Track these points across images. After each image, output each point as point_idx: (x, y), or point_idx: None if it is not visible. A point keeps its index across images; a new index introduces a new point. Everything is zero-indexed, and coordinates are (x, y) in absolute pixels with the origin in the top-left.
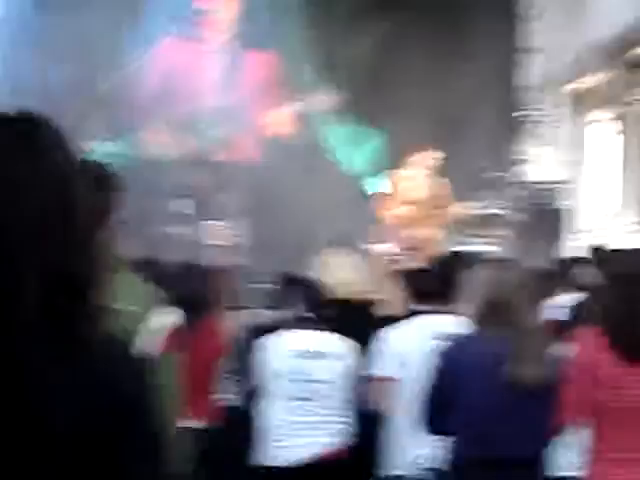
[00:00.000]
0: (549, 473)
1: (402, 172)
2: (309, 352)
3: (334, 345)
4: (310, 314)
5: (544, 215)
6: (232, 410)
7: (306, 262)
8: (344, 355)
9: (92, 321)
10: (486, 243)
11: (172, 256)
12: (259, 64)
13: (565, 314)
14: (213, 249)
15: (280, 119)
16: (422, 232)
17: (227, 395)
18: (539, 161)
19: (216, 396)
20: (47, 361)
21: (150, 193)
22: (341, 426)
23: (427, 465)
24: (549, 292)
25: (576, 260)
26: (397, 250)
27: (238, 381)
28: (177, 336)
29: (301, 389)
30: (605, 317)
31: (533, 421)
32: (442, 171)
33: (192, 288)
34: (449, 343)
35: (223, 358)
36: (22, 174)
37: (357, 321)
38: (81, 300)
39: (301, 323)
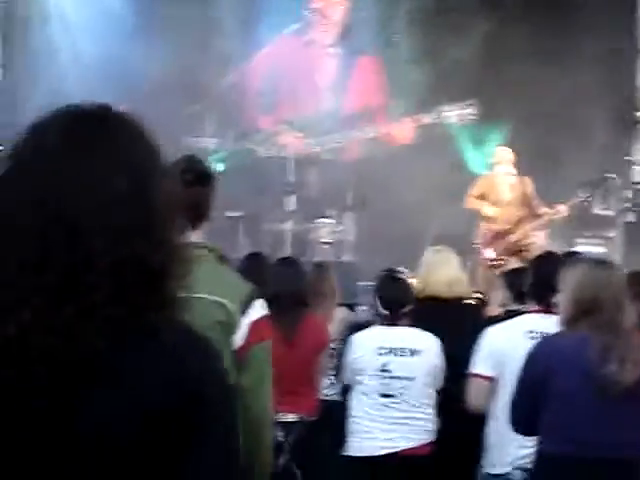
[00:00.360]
0: None
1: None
2: (393, 349)
3: (418, 342)
4: (400, 311)
5: None
6: (332, 404)
7: (413, 259)
8: (428, 352)
9: (164, 311)
10: (592, 244)
11: (280, 252)
12: (369, 68)
13: None
14: (319, 246)
15: (404, 131)
16: (516, 235)
17: (327, 390)
18: None
19: (318, 390)
20: (117, 348)
21: (262, 190)
22: (425, 423)
23: (527, 465)
24: None
25: None
26: (494, 255)
27: (336, 376)
28: (269, 327)
29: (385, 385)
30: None
31: (629, 422)
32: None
33: (291, 284)
34: (539, 343)
35: (324, 354)
36: (98, 165)
37: (458, 320)
38: (154, 289)
39: (389, 320)
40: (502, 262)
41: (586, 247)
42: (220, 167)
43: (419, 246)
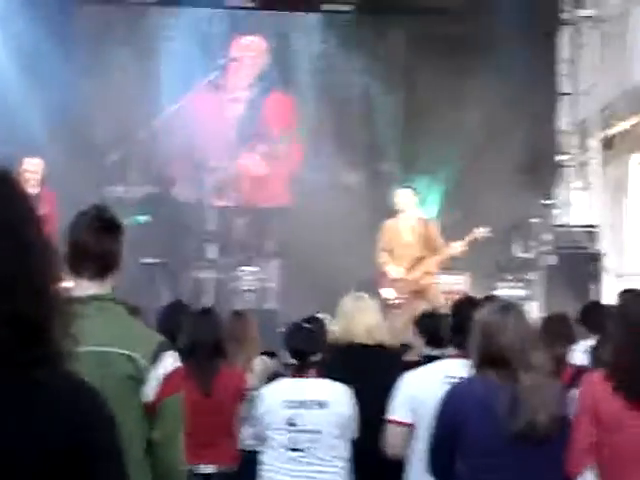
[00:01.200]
0: None
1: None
2: (300, 402)
3: (325, 394)
4: (308, 360)
5: (575, 259)
6: (253, 454)
7: (337, 305)
8: (336, 403)
9: (47, 364)
10: (513, 287)
11: (202, 301)
12: (277, 104)
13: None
14: (242, 294)
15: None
16: (412, 274)
17: (248, 440)
18: (572, 205)
19: (237, 441)
20: (3, 407)
21: (183, 238)
22: (335, 476)
23: None
24: (570, 337)
25: (600, 305)
26: (394, 295)
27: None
28: (182, 379)
29: (292, 439)
30: (612, 362)
31: (543, 468)
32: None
33: (208, 334)
34: (451, 388)
35: (241, 403)
36: None
37: (377, 367)
38: (35, 344)
39: (298, 370)
40: (402, 302)
41: (507, 291)
42: (143, 218)
43: (344, 292)
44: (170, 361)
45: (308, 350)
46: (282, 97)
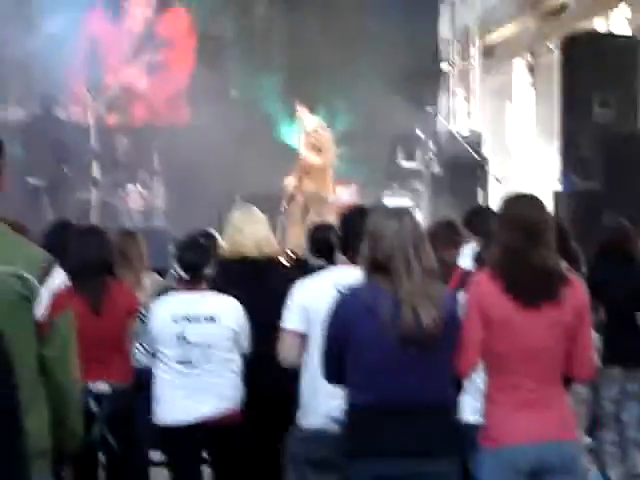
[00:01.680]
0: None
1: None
2: (189, 316)
3: (215, 308)
4: (199, 273)
5: (460, 167)
6: (145, 371)
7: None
8: (226, 317)
9: None
10: (399, 196)
11: (87, 221)
12: (172, 20)
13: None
14: (129, 213)
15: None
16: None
17: (139, 356)
18: (454, 114)
19: (129, 358)
20: None
21: (67, 158)
22: (226, 390)
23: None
24: (454, 241)
25: (484, 209)
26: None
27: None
28: (70, 296)
29: (182, 353)
30: (495, 261)
31: (429, 371)
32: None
33: (95, 252)
34: (340, 295)
35: (132, 320)
36: None
37: (266, 279)
38: None
39: (188, 284)
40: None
41: (394, 200)
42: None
43: (231, 207)
44: (58, 279)
45: (199, 263)
46: (179, 12)
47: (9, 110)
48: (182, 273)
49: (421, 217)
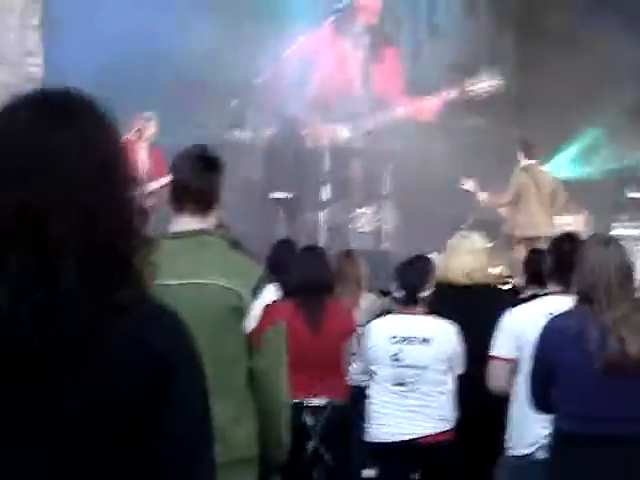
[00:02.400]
0: None
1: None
2: (405, 338)
3: (430, 330)
4: (417, 294)
5: None
6: (360, 389)
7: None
8: (440, 340)
9: (132, 290)
10: (628, 227)
11: (316, 240)
12: (392, 58)
13: None
14: (357, 234)
15: (426, 107)
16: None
17: (356, 375)
18: None
19: (346, 376)
20: (90, 330)
21: (301, 180)
22: (439, 411)
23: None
24: None
25: None
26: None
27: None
28: (282, 311)
29: (397, 374)
30: None
31: (634, 402)
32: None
33: (316, 271)
34: (547, 322)
35: (350, 339)
36: (66, 150)
37: (478, 305)
38: (121, 271)
39: (405, 304)
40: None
41: (622, 230)
42: None
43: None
44: (270, 293)
45: (416, 284)
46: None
47: (248, 131)
48: (399, 294)
49: None
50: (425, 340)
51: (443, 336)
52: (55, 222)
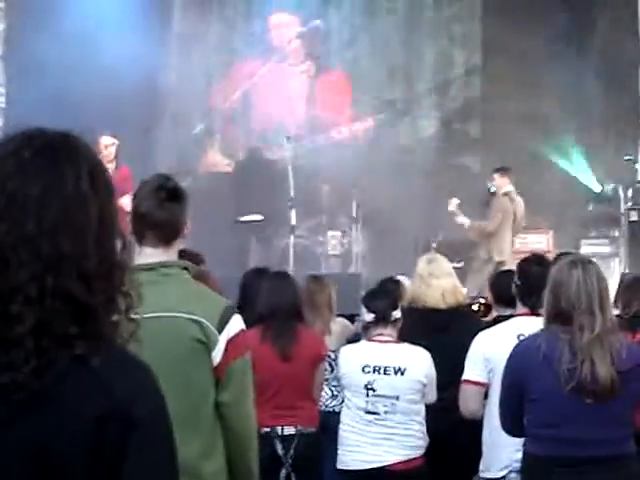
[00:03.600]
0: None
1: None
2: (378, 367)
3: (404, 360)
4: (390, 318)
5: None
6: (333, 415)
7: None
8: (414, 369)
9: (95, 339)
10: (597, 244)
11: (286, 265)
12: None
13: None
14: (326, 259)
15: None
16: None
17: (328, 401)
18: None
19: (317, 403)
20: (44, 378)
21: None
22: (411, 439)
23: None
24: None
25: None
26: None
27: (335, 387)
28: (247, 342)
29: (369, 403)
30: None
31: (607, 420)
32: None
33: (285, 297)
34: (517, 344)
35: (321, 366)
36: (33, 192)
37: (451, 328)
38: (82, 319)
39: (376, 331)
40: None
41: (591, 248)
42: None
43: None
44: (235, 325)
45: (385, 307)
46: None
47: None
48: (368, 318)
49: (620, 266)
50: (399, 370)
51: (417, 365)
52: (15, 267)
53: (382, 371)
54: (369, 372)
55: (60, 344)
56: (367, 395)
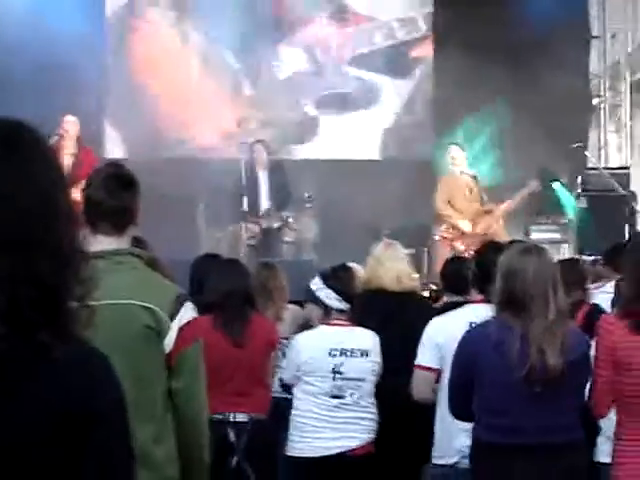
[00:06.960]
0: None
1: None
2: (345, 350)
3: (366, 342)
4: (343, 307)
5: (607, 202)
6: (280, 402)
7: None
8: (374, 351)
9: (58, 327)
10: (547, 231)
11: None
12: None
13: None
14: (280, 246)
15: None
16: (480, 228)
17: (276, 388)
18: (603, 149)
19: (269, 390)
20: (6, 367)
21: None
22: (371, 422)
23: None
24: (581, 281)
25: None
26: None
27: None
28: (198, 329)
29: (336, 387)
30: (622, 300)
31: (555, 408)
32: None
33: (237, 284)
34: (467, 331)
35: (273, 353)
36: (2, 181)
37: (404, 312)
38: (47, 306)
39: (333, 317)
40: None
41: (541, 234)
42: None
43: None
44: (187, 312)
45: (346, 292)
46: None
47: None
48: (332, 303)
49: (570, 252)
50: (364, 352)
51: (376, 348)
52: None
53: (349, 354)
54: (336, 355)
55: (26, 332)
56: (334, 379)
